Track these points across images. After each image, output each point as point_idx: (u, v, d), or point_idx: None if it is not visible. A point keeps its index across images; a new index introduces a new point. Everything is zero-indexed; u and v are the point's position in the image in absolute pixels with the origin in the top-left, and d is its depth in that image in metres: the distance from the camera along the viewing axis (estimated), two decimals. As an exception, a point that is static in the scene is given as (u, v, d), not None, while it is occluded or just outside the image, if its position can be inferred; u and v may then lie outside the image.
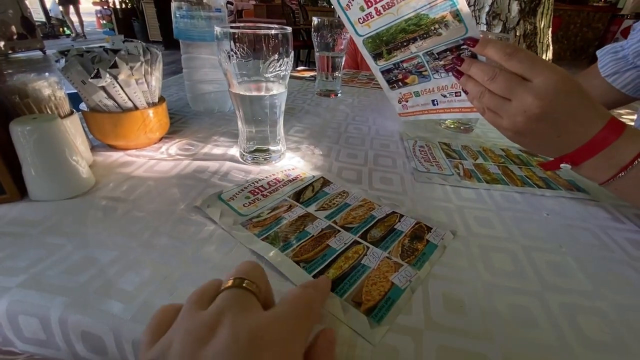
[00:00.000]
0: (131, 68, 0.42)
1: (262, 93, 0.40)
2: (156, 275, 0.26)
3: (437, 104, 0.47)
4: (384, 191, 0.40)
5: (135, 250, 0.28)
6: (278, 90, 0.40)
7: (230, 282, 0.18)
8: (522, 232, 0.34)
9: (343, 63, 0.78)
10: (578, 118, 0.32)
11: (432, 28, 0.39)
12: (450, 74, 0.41)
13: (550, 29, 1.75)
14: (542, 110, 0.32)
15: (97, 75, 0.39)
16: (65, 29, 6.57)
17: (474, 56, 0.38)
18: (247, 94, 0.39)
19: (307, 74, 1.00)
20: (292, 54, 0.38)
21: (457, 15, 0.36)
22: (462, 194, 0.40)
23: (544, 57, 1.93)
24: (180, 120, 0.58)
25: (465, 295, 0.26)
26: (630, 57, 0.55)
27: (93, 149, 0.45)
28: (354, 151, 0.50)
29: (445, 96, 0.45)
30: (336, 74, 0.79)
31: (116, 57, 0.40)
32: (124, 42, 0.45)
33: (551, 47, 1.98)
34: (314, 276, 0.26)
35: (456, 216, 0.36)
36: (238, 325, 0.16)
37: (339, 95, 0.80)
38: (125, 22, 6.34)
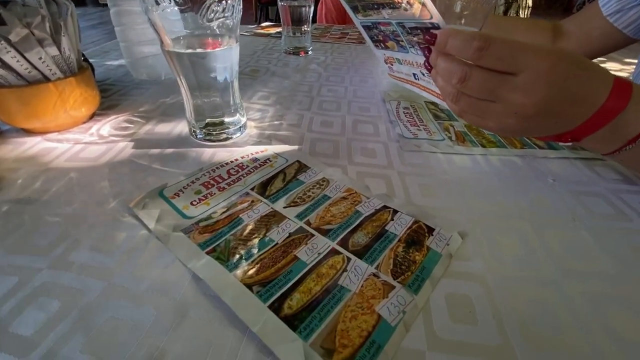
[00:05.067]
0: (28, 25, 0.32)
1: (206, 50, 0.31)
2: (68, 307, 0.19)
3: (418, 79, 0.39)
4: (367, 165, 0.33)
5: (43, 274, 0.21)
6: (226, 44, 0.32)
7: None
8: (529, 205, 0.29)
9: (311, 14, 0.68)
10: (579, 99, 0.25)
11: (397, 0, 0.30)
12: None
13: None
14: (536, 109, 0.25)
15: (-22, 37, 0.29)
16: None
17: None
18: (184, 51, 0.31)
19: (273, 31, 0.89)
20: (239, -5, 0.29)
21: None
22: (457, 162, 0.35)
23: (524, 4, 1.84)
24: (119, 92, 0.48)
25: (473, 295, 0.21)
26: None
27: (0, 135, 0.36)
28: (329, 118, 0.43)
29: (424, 74, 0.37)
30: (305, 27, 0.68)
31: (1, 11, 0.30)
32: (17, -10, 0.34)
33: (531, -8, 1.87)
34: (271, 305, 0.19)
35: (453, 189, 0.30)
36: None
37: (310, 52, 0.71)
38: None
